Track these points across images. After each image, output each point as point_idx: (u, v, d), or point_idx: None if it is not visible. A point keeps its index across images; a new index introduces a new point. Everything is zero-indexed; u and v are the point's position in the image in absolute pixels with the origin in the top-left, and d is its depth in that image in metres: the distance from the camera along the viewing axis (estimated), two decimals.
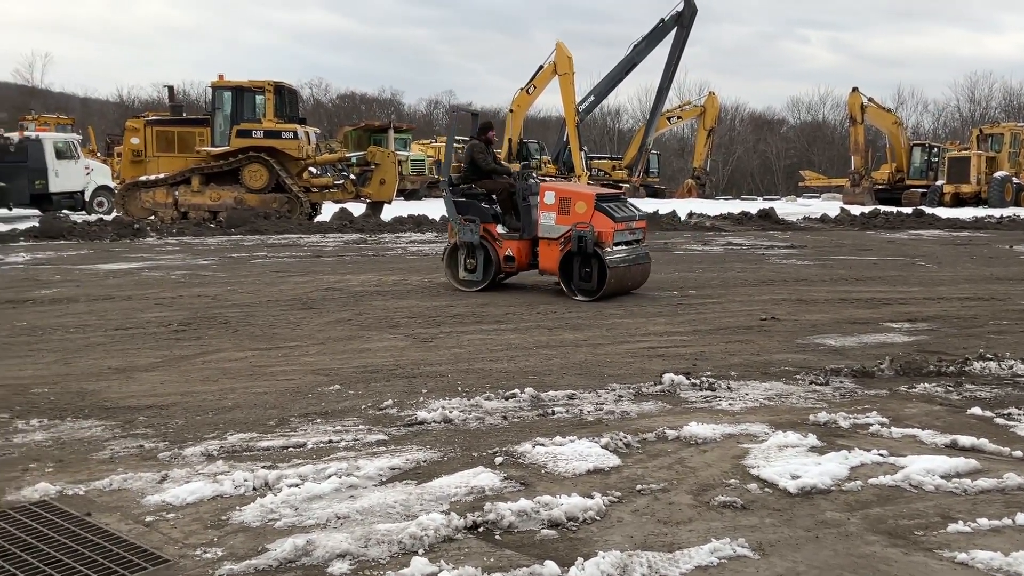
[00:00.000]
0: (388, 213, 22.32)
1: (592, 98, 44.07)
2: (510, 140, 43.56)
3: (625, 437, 4.60)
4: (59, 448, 4.49)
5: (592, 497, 3.74)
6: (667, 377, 5.83)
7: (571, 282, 9.73)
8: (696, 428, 4.74)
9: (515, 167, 41.56)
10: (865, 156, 41.65)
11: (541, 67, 41.43)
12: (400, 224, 20.34)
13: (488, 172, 10.46)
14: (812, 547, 3.33)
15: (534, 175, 12.09)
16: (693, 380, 5.84)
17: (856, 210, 27.18)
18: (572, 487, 3.92)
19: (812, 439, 4.58)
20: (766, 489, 3.94)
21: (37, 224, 17.76)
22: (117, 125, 43.11)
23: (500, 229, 10.26)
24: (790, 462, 4.24)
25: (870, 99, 41.29)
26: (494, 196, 10.41)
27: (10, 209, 22.53)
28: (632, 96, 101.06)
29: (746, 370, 6.30)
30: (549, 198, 9.91)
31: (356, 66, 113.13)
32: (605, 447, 4.45)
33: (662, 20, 40.93)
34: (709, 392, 5.65)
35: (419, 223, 20.48)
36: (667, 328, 7.99)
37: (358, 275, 11.63)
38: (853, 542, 3.39)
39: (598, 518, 3.60)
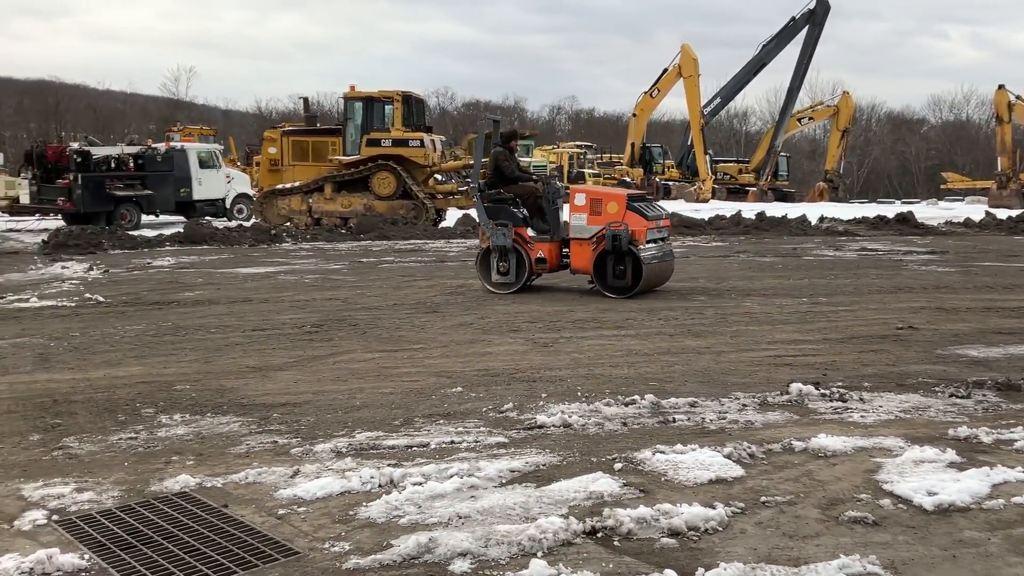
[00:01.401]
0: None
1: (718, 100, 43.28)
2: (632, 145, 43.30)
3: (749, 447, 4.49)
4: (199, 442, 4.75)
5: (714, 507, 3.67)
6: (795, 387, 5.65)
7: (605, 280, 10.03)
8: (825, 440, 4.58)
9: (637, 173, 41.18)
10: (1013, 157, 39.24)
11: (665, 70, 41.03)
12: None
13: (513, 179, 10.76)
14: (948, 567, 3.17)
15: (558, 179, 12.23)
16: (823, 390, 5.64)
17: (1003, 214, 25.60)
18: (693, 496, 3.85)
19: (951, 454, 4.35)
20: (900, 505, 3.77)
21: (182, 230, 18.82)
22: (255, 136, 45.18)
23: (530, 232, 10.54)
24: (926, 478, 4.04)
25: (1017, 97, 38.89)
26: (520, 200, 10.71)
27: (157, 216, 23.93)
28: (760, 97, 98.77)
29: (880, 381, 6.03)
30: (580, 200, 10.24)
31: (480, 74, 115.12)
32: (728, 457, 4.35)
33: (793, 18, 39.81)
34: (840, 403, 5.45)
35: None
36: (795, 336, 7.75)
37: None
38: (993, 563, 3.20)
39: (720, 529, 3.53)
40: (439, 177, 23.09)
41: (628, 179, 40.11)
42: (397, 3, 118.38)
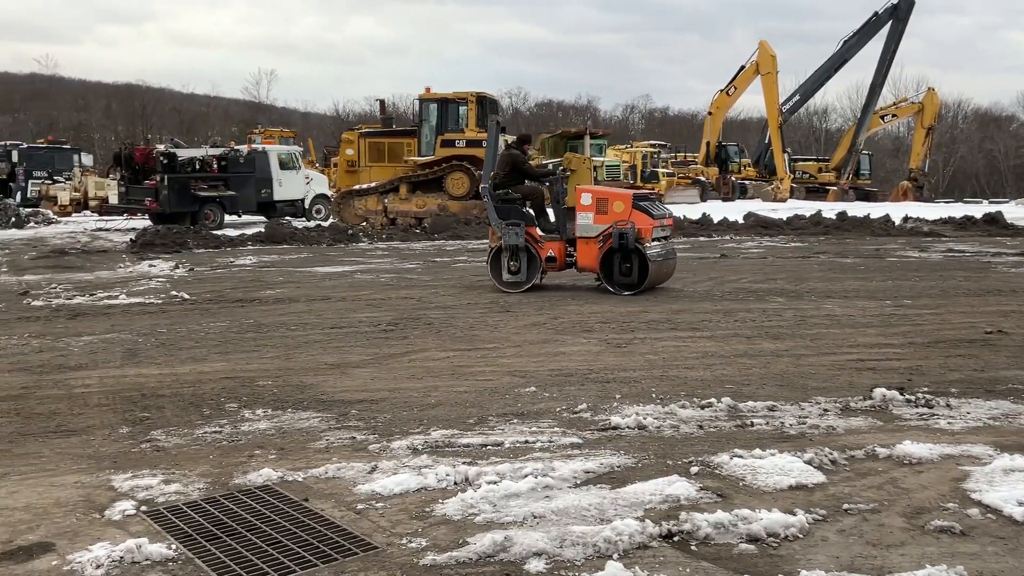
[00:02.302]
0: None
1: (797, 97, 42.42)
2: (708, 143, 42.72)
3: (831, 453, 4.39)
4: (281, 437, 4.86)
5: (794, 514, 3.60)
6: (878, 392, 5.50)
7: (612, 278, 10.23)
8: (910, 447, 4.45)
9: (712, 172, 40.57)
10: None
11: (742, 67, 40.39)
12: None
13: (533, 177, 11.05)
14: None
15: (566, 180, 12.31)
16: (908, 396, 5.48)
17: None
18: (772, 502, 3.79)
19: None
20: (988, 515, 3.64)
21: (263, 230, 19.31)
22: (333, 137, 46.05)
23: (539, 232, 10.60)
24: (1017, 487, 3.88)
25: None
26: (527, 200, 10.84)
27: (239, 216, 24.58)
28: (841, 94, 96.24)
29: (968, 387, 5.83)
30: (586, 199, 10.40)
31: (552, 74, 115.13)
32: (808, 463, 4.26)
33: (875, 14, 38.76)
34: (926, 409, 5.28)
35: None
36: (878, 340, 7.54)
37: (552, 279, 11.78)
38: None
39: (801, 536, 3.46)
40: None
41: (703, 178, 39.60)
42: (468, 4, 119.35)
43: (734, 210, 25.49)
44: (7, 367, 6.61)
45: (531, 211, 10.89)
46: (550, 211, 11.05)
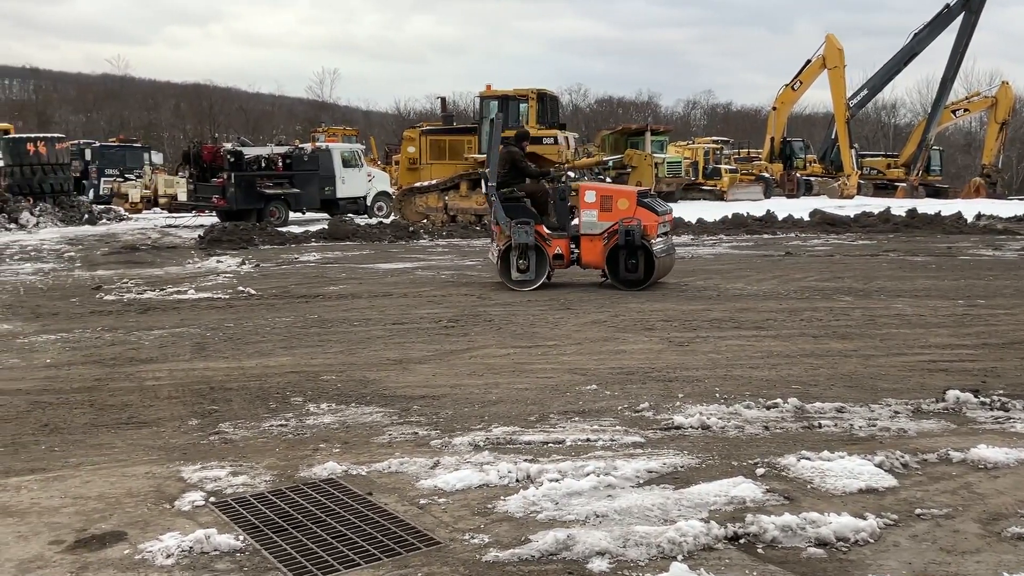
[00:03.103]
0: None
1: (865, 92, 41.46)
2: (772, 139, 42.04)
3: (902, 456, 4.27)
4: (344, 431, 4.92)
5: (864, 518, 3.51)
6: (951, 394, 5.33)
7: (617, 274, 10.35)
8: (986, 451, 4.30)
9: (777, 168, 39.85)
10: None
11: (808, 61, 39.65)
12: None
13: (533, 175, 11.07)
14: None
15: (569, 178, 12.23)
16: (982, 398, 5.30)
17: None
18: (842, 506, 3.70)
19: None
20: None
21: (326, 226, 19.57)
22: (395, 135, 46.50)
23: (546, 229, 10.59)
24: None
25: None
26: (530, 198, 10.79)
27: (303, 213, 24.97)
28: (911, 88, 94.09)
29: None
30: (590, 197, 10.53)
31: (612, 70, 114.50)
32: (879, 466, 4.15)
33: (947, 6, 37.68)
34: (1001, 412, 5.11)
35: (674, 226, 20.22)
36: (951, 340, 7.32)
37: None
38: None
39: (871, 541, 3.37)
40: (572, 174, 23.09)
41: (767, 174, 38.96)
42: (527, 1, 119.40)
43: (799, 207, 25.01)
44: (81, 359, 6.82)
45: (534, 209, 10.90)
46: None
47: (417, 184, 22.86)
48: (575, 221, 10.68)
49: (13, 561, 3.31)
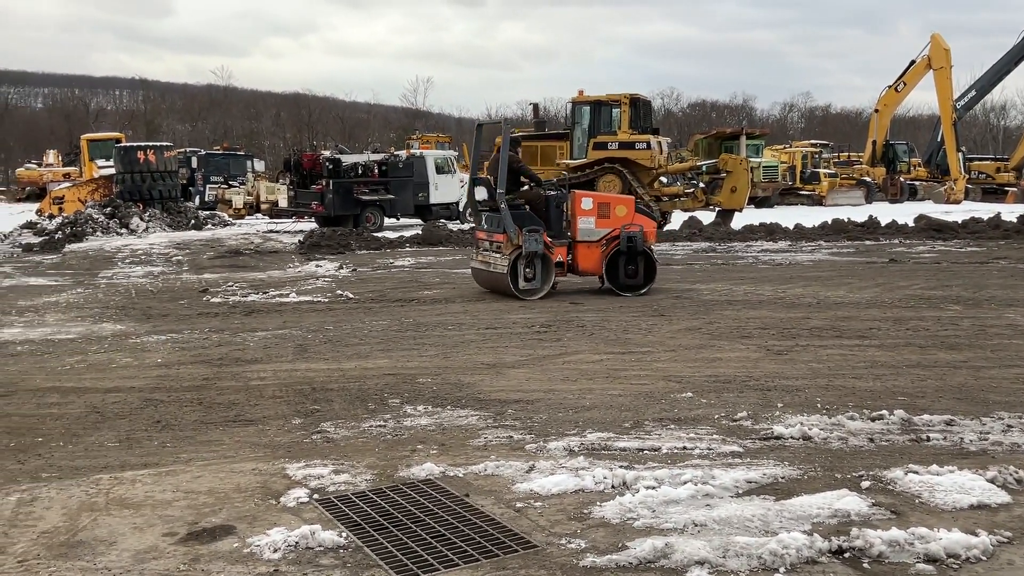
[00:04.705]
0: (738, 221, 21.88)
1: (973, 93, 39.79)
2: (874, 142, 40.73)
3: (1016, 472, 4.09)
4: (441, 433, 4.99)
5: (977, 535, 3.38)
6: None
7: (617, 280, 10.41)
8: None
9: (879, 172, 38.52)
10: None
11: (913, 62, 38.28)
12: (751, 233, 19.81)
13: (539, 181, 11.03)
14: None
15: (565, 187, 12.27)
16: None
17: None
18: (952, 522, 3.56)
19: None
20: None
21: (420, 232, 19.88)
22: (487, 142, 46.85)
23: (547, 237, 10.40)
24: None
25: None
26: (527, 206, 10.52)
27: (398, 219, 25.41)
28: (1022, 89, 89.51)
29: None
30: (587, 204, 10.58)
31: (705, 74, 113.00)
32: (991, 481, 3.98)
33: None
34: None
35: (771, 231, 19.79)
36: None
37: (707, 283, 11.54)
38: None
39: (983, 558, 3.24)
40: (664, 180, 22.87)
41: (868, 179, 37.77)
42: (615, 6, 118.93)
43: (903, 212, 24.16)
44: (190, 359, 7.10)
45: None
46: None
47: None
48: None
49: (129, 551, 3.47)
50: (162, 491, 4.11)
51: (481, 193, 11.19)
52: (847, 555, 3.27)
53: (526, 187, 10.92)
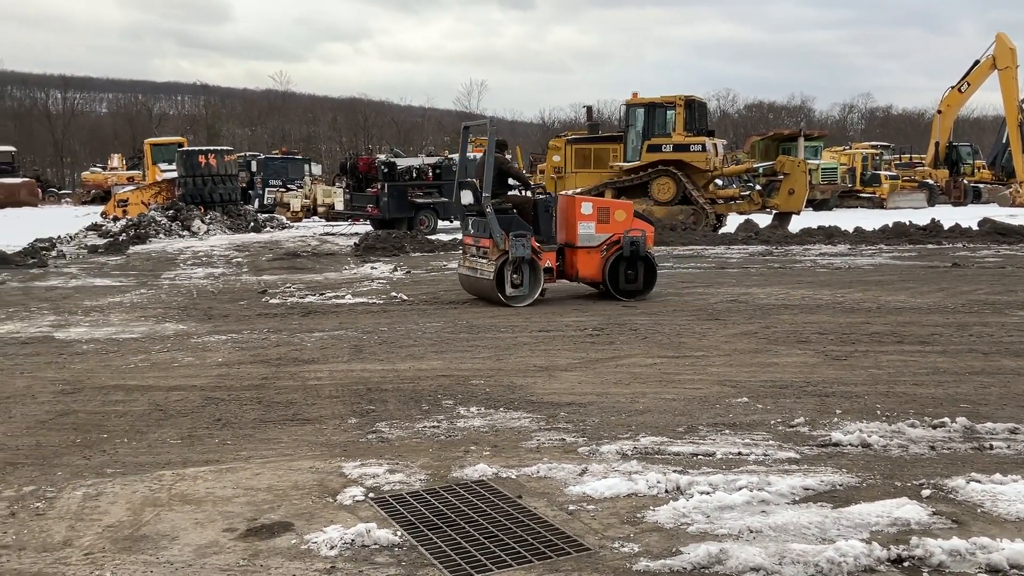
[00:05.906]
0: (796, 224, 21.56)
1: None
2: (937, 144, 39.79)
3: None
4: (494, 434, 5.02)
5: None
6: None
7: (617, 285, 10.37)
8: None
9: (942, 174, 37.62)
10: None
11: (977, 62, 37.33)
12: (809, 236, 19.50)
13: (527, 182, 10.94)
14: None
15: (546, 191, 12.30)
16: None
17: None
18: (1015, 532, 3.48)
19: None
20: None
21: None
22: (539, 145, 46.94)
23: (536, 242, 10.17)
24: None
25: None
26: (515, 210, 10.30)
27: (451, 221, 25.57)
28: None
29: None
30: (587, 209, 10.47)
31: (762, 75, 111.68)
32: None
33: None
34: None
35: (830, 235, 19.46)
36: None
37: (763, 287, 11.40)
38: None
39: None
40: (719, 182, 22.64)
41: (931, 181, 36.89)
42: (669, 7, 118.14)
43: (967, 215, 23.54)
44: (250, 359, 7.25)
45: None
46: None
47: (562, 193, 22.97)
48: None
49: (191, 546, 3.56)
50: (222, 487, 4.21)
51: (467, 197, 10.73)
52: (906, 564, 3.22)
53: (514, 191, 10.69)
